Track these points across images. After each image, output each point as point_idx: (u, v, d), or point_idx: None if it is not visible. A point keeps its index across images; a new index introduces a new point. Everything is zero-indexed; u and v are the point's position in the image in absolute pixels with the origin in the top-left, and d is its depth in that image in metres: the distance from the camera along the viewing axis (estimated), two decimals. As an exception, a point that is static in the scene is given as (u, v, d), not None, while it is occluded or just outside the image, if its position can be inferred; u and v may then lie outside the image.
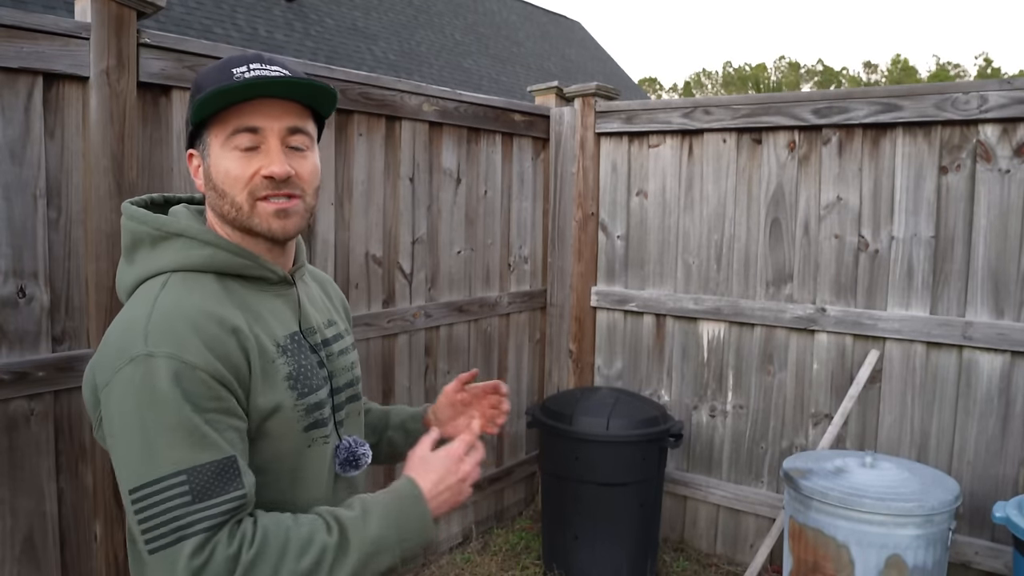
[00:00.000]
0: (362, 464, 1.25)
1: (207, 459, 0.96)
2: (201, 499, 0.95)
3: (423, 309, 3.07)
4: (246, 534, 0.98)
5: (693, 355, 3.41)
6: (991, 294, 2.70)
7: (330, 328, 1.29)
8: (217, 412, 1.00)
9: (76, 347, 1.99)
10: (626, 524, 3.03)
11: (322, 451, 1.18)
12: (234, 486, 0.97)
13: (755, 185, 3.20)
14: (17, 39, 1.82)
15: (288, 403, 1.10)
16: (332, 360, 1.25)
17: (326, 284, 1.42)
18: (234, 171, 1.09)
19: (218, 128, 1.10)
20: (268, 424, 1.08)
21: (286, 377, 1.11)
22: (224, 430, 1.00)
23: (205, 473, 0.96)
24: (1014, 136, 2.65)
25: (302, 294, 1.24)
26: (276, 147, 1.10)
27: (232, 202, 1.10)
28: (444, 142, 3.14)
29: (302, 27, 10.91)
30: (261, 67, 1.11)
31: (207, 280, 1.10)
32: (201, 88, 1.10)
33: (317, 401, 1.16)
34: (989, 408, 2.72)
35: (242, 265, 1.13)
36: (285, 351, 1.13)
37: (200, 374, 0.98)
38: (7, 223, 1.85)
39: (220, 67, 1.12)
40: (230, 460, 0.98)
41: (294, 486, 1.14)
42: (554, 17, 20.67)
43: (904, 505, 2.26)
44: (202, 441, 0.97)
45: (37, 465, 1.92)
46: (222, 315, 1.05)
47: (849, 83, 56.38)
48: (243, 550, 0.96)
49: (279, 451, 1.10)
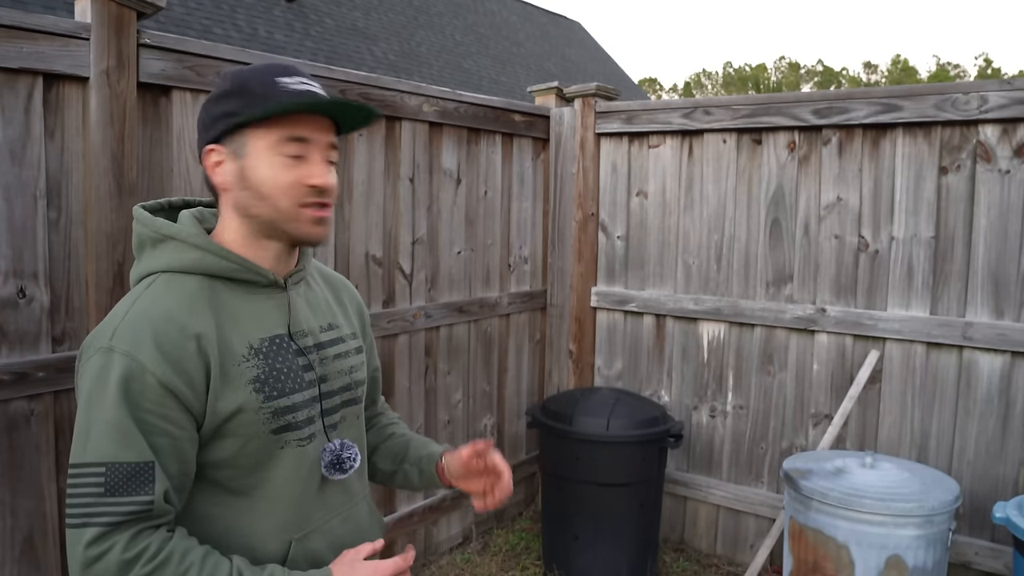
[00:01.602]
0: (347, 468, 1.25)
1: (127, 459, 1.03)
2: (111, 494, 1.02)
3: (423, 309, 3.07)
4: (148, 548, 1.02)
5: (693, 355, 3.41)
6: (991, 294, 2.70)
7: (329, 332, 1.29)
8: (154, 416, 1.05)
9: (76, 347, 1.99)
10: (626, 524, 3.03)
11: (298, 453, 1.18)
12: (143, 491, 1.03)
13: (755, 185, 3.20)
14: (17, 39, 1.82)
15: (251, 405, 1.12)
16: (326, 363, 1.26)
17: (339, 287, 1.42)
18: (280, 177, 1.14)
19: (264, 132, 1.14)
20: (229, 425, 1.11)
21: (251, 380, 1.13)
22: (154, 435, 1.05)
23: (121, 471, 1.02)
24: (1014, 136, 2.65)
25: (297, 297, 1.26)
26: (322, 159, 1.17)
27: (274, 206, 1.15)
28: (444, 142, 3.14)
29: (302, 27, 10.92)
30: (308, 83, 1.17)
31: (191, 282, 1.15)
32: (247, 90, 1.14)
33: (289, 404, 1.17)
34: (989, 408, 2.72)
35: (229, 268, 1.17)
36: (259, 354, 1.15)
37: (148, 377, 1.05)
38: (7, 223, 1.85)
39: (261, 74, 1.16)
40: (147, 465, 1.04)
41: (264, 484, 1.16)
42: (554, 17, 20.67)
43: (904, 505, 2.26)
44: (127, 441, 1.03)
45: (37, 465, 1.92)
46: (186, 322, 1.10)
47: (849, 83, 56.40)
48: (138, 562, 1.01)
49: (244, 450, 1.13)
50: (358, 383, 1.33)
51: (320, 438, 1.22)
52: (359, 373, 1.34)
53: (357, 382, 1.33)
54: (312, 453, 1.21)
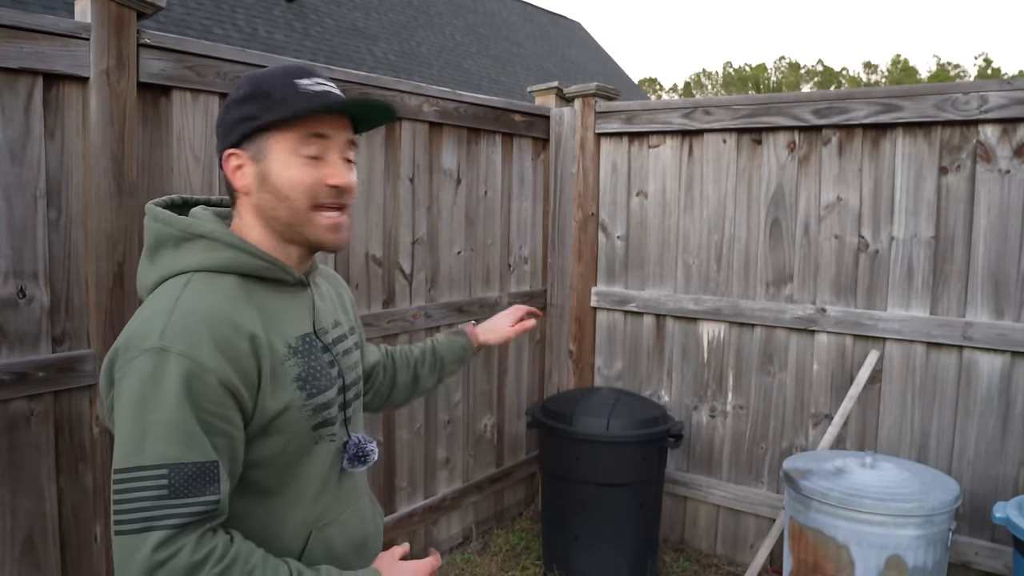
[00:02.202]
0: (370, 460, 1.30)
1: (192, 459, 1.01)
2: (176, 495, 0.99)
3: (423, 309, 3.07)
4: (215, 549, 1.01)
5: (693, 355, 3.41)
6: (991, 294, 2.70)
7: (337, 328, 1.33)
8: (214, 416, 1.04)
9: (76, 347, 1.99)
10: (626, 524, 3.03)
11: (327, 448, 1.22)
12: (210, 490, 1.02)
13: (755, 185, 3.20)
14: (17, 39, 1.82)
15: (297, 403, 1.14)
16: (340, 359, 1.29)
17: (336, 282, 1.47)
18: (299, 177, 1.15)
19: (284, 134, 1.15)
20: (276, 423, 1.12)
21: (295, 379, 1.15)
22: (215, 435, 1.04)
23: (186, 472, 1.00)
24: (1014, 136, 2.65)
25: (316, 295, 1.29)
26: (339, 158, 1.19)
27: (292, 207, 1.16)
28: (444, 142, 3.14)
29: (302, 27, 10.92)
30: (323, 82, 1.19)
31: (228, 281, 1.14)
32: (270, 94, 1.15)
33: (325, 401, 1.20)
34: (989, 408, 2.72)
35: (262, 267, 1.17)
36: (296, 352, 1.17)
37: (209, 377, 1.03)
38: (7, 224, 1.85)
39: (281, 75, 1.18)
40: (213, 465, 1.02)
41: (294, 480, 1.19)
42: (554, 17, 20.67)
43: (904, 505, 2.26)
44: (191, 441, 1.01)
45: (37, 466, 1.92)
46: (238, 320, 1.09)
47: (849, 83, 56.38)
48: (208, 563, 1.00)
49: (286, 447, 1.15)
50: (361, 377, 1.38)
51: (342, 432, 1.26)
52: (361, 367, 1.40)
53: (360, 376, 1.38)
54: (338, 447, 1.25)
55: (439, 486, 3.26)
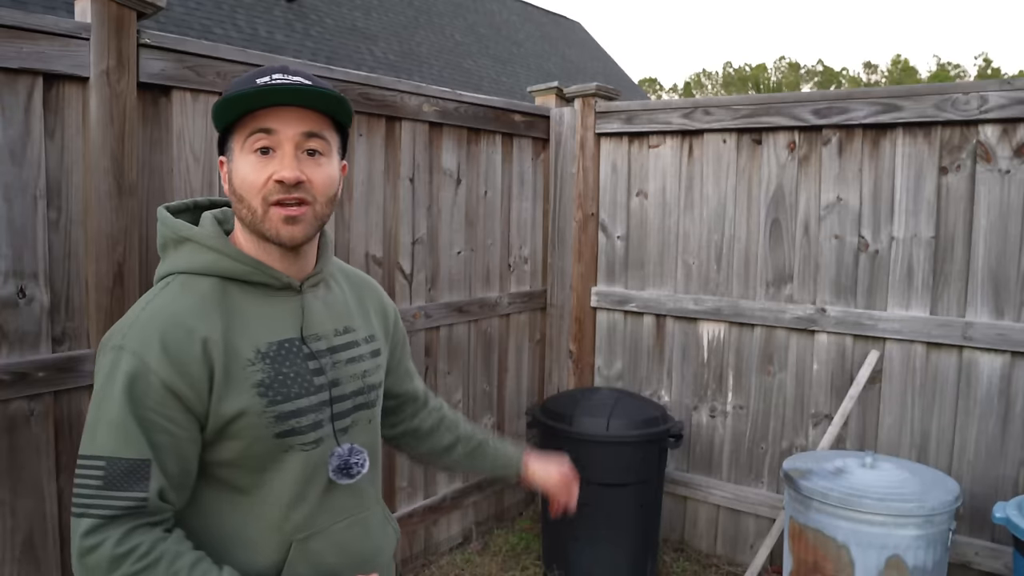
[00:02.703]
0: (355, 473, 1.24)
1: (127, 455, 1.05)
2: (109, 487, 1.05)
3: (423, 310, 3.07)
4: (140, 546, 1.04)
5: (693, 355, 3.41)
6: (991, 294, 2.70)
7: (344, 335, 1.28)
8: (157, 415, 1.07)
9: (76, 347, 1.99)
10: (626, 525, 3.03)
11: (304, 457, 1.18)
12: (139, 487, 1.05)
13: (755, 185, 3.20)
14: (17, 39, 1.82)
15: (255, 409, 1.13)
16: (338, 368, 1.25)
17: (362, 288, 1.41)
18: (250, 176, 1.14)
19: (239, 133, 1.16)
20: (233, 427, 1.12)
21: (256, 384, 1.14)
22: (158, 433, 1.07)
23: (120, 467, 1.05)
24: (1014, 136, 2.65)
25: (314, 300, 1.25)
26: (290, 152, 1.15)
27: (248, 206, 1.15)
28: (444, 142, 3.14)
29: (302, 27, 10.92)
30: (283, 77, 1.15)
31: (205, 284, 1.16)
32: (226, 95, 1.15)
33: (294, 409, 1.16)
34: (989, 408, 2.72)
35: (243, 271, 1.18)
36: (265, 358, 1.16)
37: (152, 378, 1.07)
38: (7, 224, 1.85)
39: (247, 77, 1.17)
40: (145, 463, 1.06)
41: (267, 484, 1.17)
42: (554, 17, 20.67)
43: (904, 506, 2.26)
44: (128, 438, 1.06)
45: (37, 466, 1.92)
46: (194, 324, 1.11)
47: (849, 83, 56.38)
48: (128, 559, 1.03)
49: (248, 452, 1.14)
50: (371, 387, 1.31)
51: (329, 442, 1.22)
52: (373, 377, 1.32)
53: (370, 386, 1.31)
54: (318, 457, 1.20)
55: (439, 486, 3.26)
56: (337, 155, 1.23)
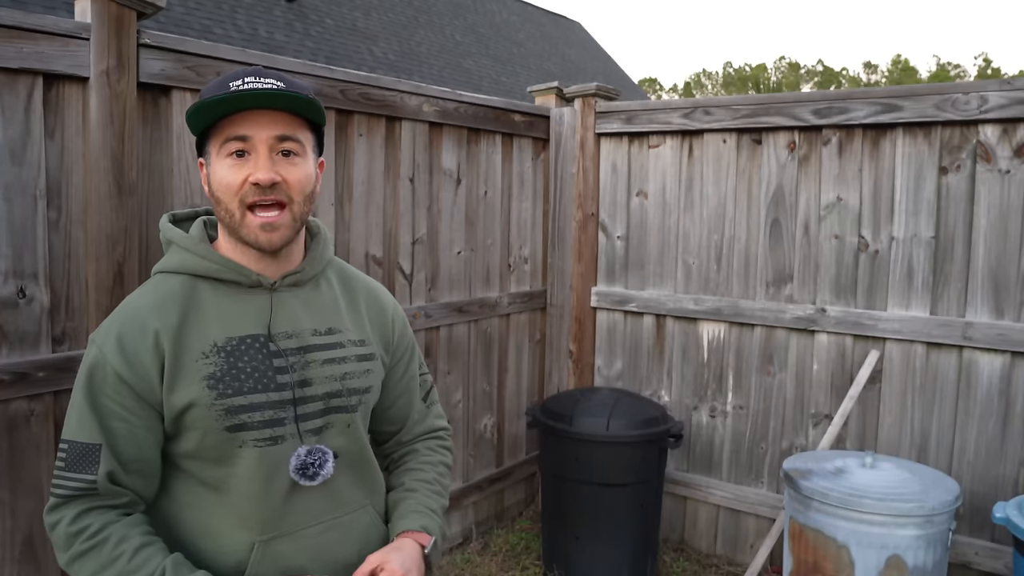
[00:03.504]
0: (312, 474, 1.22)
1: (81, 439, 1.14)
2: (68, 469, 1.13)
3: (423, 310, 3.07)
4: (90, 527, 1.11)
5: (693, 355, 3.41)
6: (991, 294, 2.70)
7: (325, 336, 1.27)
8: (111, 402, 1.15)
9: (76, 347, 1.99)
10: (626, 525, 3.03)
11: (260, 454, 1.17)
12: (89, 470, 1.13)
13: (755, 185, 3.20)
14: (17, 39, 1.82)
15: (203, 401, 1.15)
16: (311, 367, 1.23)
17: (358, 293, 1.38)
18: (226, 179, 1.17)
19: (214, 138, 1.18)
20: (185, 418, 1.16)
21: (206, 377, 1.16)
22: (112, 419, 1.15)
23: (76, 449, 1.14)
24: (1014, 136, 2.65)
25: (291, 299, 1.25)
26: (264, 155, 1.16)
27: (226, 209, 1.18)
28: (444, 142, 3.14)
29: (302, 27, 10.92)
30: (254, 80, 1.16)
31: (175, 282, 1.22)
32: (201, 99, 1.17)
33: (246, 404, 1.17)
34: (989, 408, 2.72)
35: (210, 268, 1.22)
36: (220, 351, 1.18)
37: (107, 368, 1.15)
38: (7, 223, 1.85)
39: (220, 82, 1.18)
40: (95, 447, 1.13)
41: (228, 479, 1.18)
42: (554, 17, 20.66)
43: (904, 506, 2.26)
44: (83, 422, 1.14)
45: (37, 466, 1.92)
46: (149, 319, 1.17)
47: (849, 83, 56.38)
48: (79, 538, 1.11)
49: (203, 443, 1.18)
50: (352, 391, 1.28)
51: (293, 441, 1.20)
52: (356, 381, 1.28)
53: (351, 390, 1.27)
54: (278, 455, 1.19)
55: (439, 486, 3.25)
56: (313, 153, 1.24)
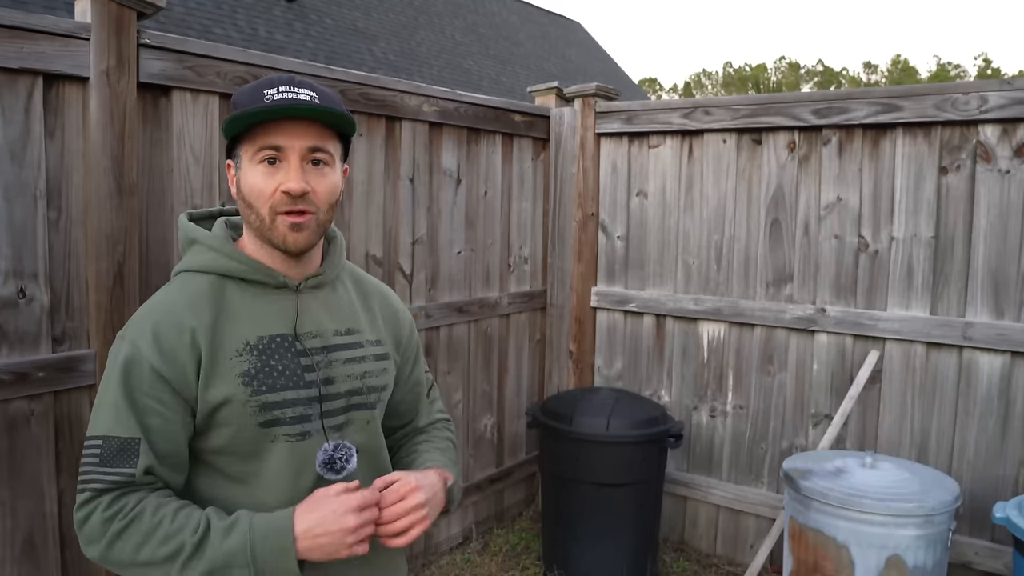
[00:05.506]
0: (340, 469, 1.26)
1: (118, 434, 1.15)
2: (104, 464, 1.14)
3: (423, 310, 3.07)
4: (125, 507, 1.13)
5: (693, 355, 3.41)
6: (991, 294, 2.70)
7: (345, 336, 1.32)
8: (148, 398, 1.16)
9: (76, 347, 1.99)
10: (626, 525, 3.03)
11: (290, 448, 1.22)
12: (128, 463, 1.14)
13: (755, 185, 3.20)
14: (17, 39, 1.82)
15: (239, 397, 1.18)
16: (334, 366, 1.28)
17: (371, 295, 1.43)
18: (259, 185, 1.20)
19: (248, 144, 1.21)
20: (220, 414, 1.18)
21: (241, 374, 1.19)
22: (149, 415, 1.16)
23: (113, 445, 1.15)
24: (1014, 136, 2.65)
25: (313, 300, 1.30)
26: (296, 165, 1.20)
27: (257, 214, 1.22)
28: (444, 143, 3.14)
29: (302, 27, 10.92)
30: (290, 90, 1.20)
31: (204, 281, 1.24)
32: (236, 107, 1.22)
33: (279, 400, 1.21)
34: (989, 408, 2.72)
35: (239, 269, 1.25)
36: (253, 350, 1.21)
37: (144, 364, 1.16)
38: (7, 224, 1.85)
39: (254, 88, 1.22)
40: (134, 441, 1.15)
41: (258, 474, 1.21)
42: (554, 17, 20.66)
43: (904, 505, 2.26)
44: (120, 417, 1.15)
45: (37, 466, 1.92)
46: (184, 316, 1.19)
47: (849, 83, 56.37)
48: (116, 518, 1.12)
49: (236, 439, 1.20)
50: (372, 389, 1.33)
51: (318, 437, 1.25)
52: (375, 379, 1.34)
53: (370, 388, 1.33)
54: (307, 450, 1.24)
55: (439, 486, 3.25)
56: (340, 162, 1.29)
